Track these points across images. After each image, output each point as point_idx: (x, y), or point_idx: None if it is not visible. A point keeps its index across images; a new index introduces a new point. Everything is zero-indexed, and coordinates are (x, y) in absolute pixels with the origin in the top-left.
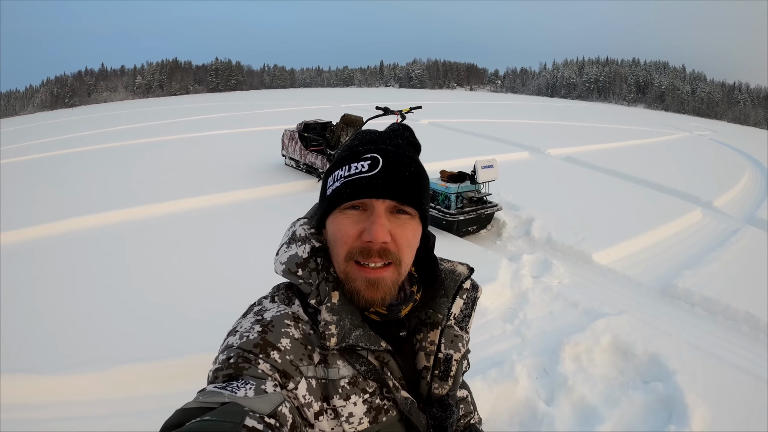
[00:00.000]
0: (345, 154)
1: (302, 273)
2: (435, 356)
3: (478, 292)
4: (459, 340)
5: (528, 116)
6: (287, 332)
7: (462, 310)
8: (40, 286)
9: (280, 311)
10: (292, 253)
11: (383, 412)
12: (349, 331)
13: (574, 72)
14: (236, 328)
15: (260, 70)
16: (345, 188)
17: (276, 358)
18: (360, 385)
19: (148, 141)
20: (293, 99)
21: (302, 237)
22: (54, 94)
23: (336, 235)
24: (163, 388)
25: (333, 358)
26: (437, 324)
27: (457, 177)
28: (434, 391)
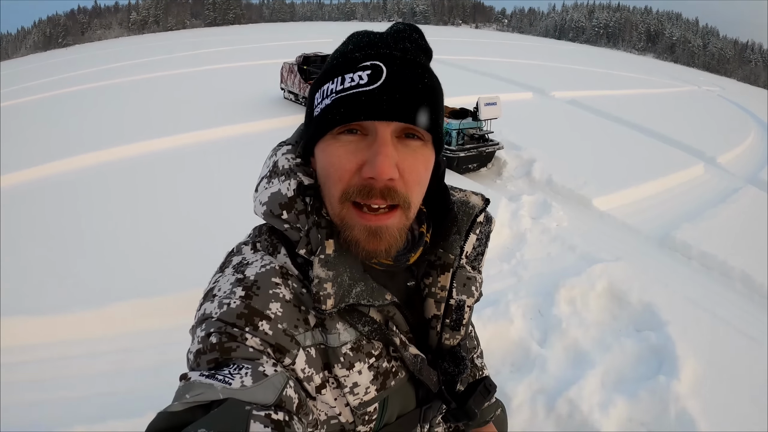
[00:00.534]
0: (336, 62)
1: (288, 216)
2: (446, 303)
3: (492, 225)
4: (472, 283)
5: (534, 57)
6: (276, 293)
7: (475, 247)
8: (35, 227)
9: (264, 266)
10: (274, 190)
11: (391, 376)
12: (349, 288)
13: (584, 15)
14: (213, 290)
15: (259, 4)
16: (338, 107)
17: (266, 330)
18: (364, 349)
19: (143, 77)
20: (293, 33)
21: (286, 170)
22: (47, 34)
23: (328, 169)
24: (161, 323)
25: (331, 321)
26: (449, 266)
27: (459, 113)
28: (444, 342)
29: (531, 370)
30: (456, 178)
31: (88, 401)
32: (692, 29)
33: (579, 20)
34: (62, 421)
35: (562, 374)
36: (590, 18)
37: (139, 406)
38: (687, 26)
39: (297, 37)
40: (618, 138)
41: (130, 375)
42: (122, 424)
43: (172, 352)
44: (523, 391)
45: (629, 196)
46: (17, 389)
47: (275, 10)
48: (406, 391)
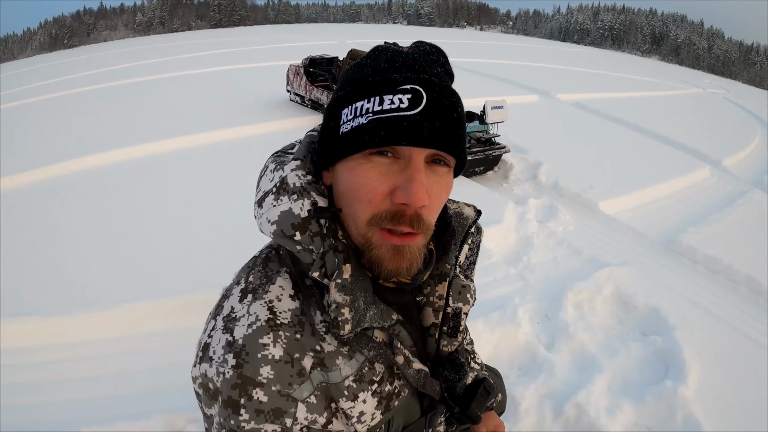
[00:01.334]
0: (373, 80)
1: (301, 238)
2: (444, 311)
3: (481, 235)
4: (467, 291)
5: (539, 59)
6: (265, 356)
7: (467, 257)
8: (43, 228)
9: (251, 324)
10: (284, 208)
11: (394, 397)
12: (364, 312)
13: (589, 17)
14: (210, 347)
15: (264, 5)
16: (377, 128)
17: (260, 398)
18: (366, 377)
19: (149, 79)
20: (298, 34)
21: (298, 188)
22: (52, 35)
23: (358, 189)
24: (167, 325)
25: (331, 359)
26: (445, 275)
27: (466, 117)
28: (443, 349)
29: (538, 374)
30: (462, 181)
31: (94, 403)
32: (697, 31)
33: (584, 22)
34: (68, 423)
35: (569, 378)
36: (595, 20)
37: (146, 408)
38: (692, 28)
39: (302, 39)
40: (623, 141)
41: (136, 377)
42: (128, 426)
43: (178, 354)
44: (531, 396)
45: (635, 199)
46: (23, 391)
47: (280, 11)
48: (410, 405)
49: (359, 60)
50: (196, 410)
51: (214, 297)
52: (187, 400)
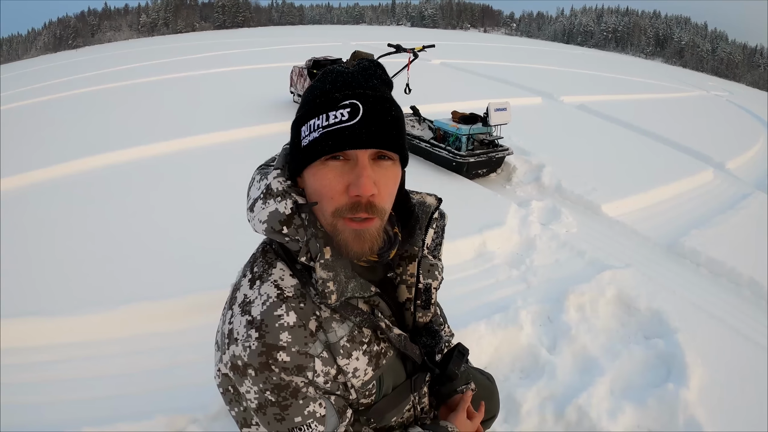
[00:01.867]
0: (319, 101)
1: (288, 230)
2: (416, 287)
3: (446, 220)
4: (435, 269)
5: (542, 61)
6: (282, 324)
7: (434, 239)
8: (45, 228)
9: (265, 302)
10: (271, 209)
11: (382, 356)
12: (345, 284)
13: (592, 20)
14: (233, 332)
15: (268, 7)
16: (326, 140)
17: (284, 359)
18: (357, 338)
19: (152, 80)
20: (302, 36)
21: (280, 191)
22: (57, 36)
23: (321, 190)
24: (170, 326)
25: (327, 322)
26: (414, 256)
27: (469, 118)
28: (419, 320)
29: (540, 376)
30: (465, 183)
31: (97, 403)
32: (701, 33)
33: (587, 24)
34: (69, 423)
35: (571, 381)
36: (599, 22)
37: (148, 408)
38: (696, 30)
39: (306, 40)
40: (627, 143)
41: (138, 377)
42: (130, 426)
43: (180, 355)
44: (533, 398)
45: (638, 202)
46: (24, 390)
47: (284, 13)
48: (396, 367)
49: (312, 83)
50: (197, 410)
51: (217, 298)
52: (188, 400)
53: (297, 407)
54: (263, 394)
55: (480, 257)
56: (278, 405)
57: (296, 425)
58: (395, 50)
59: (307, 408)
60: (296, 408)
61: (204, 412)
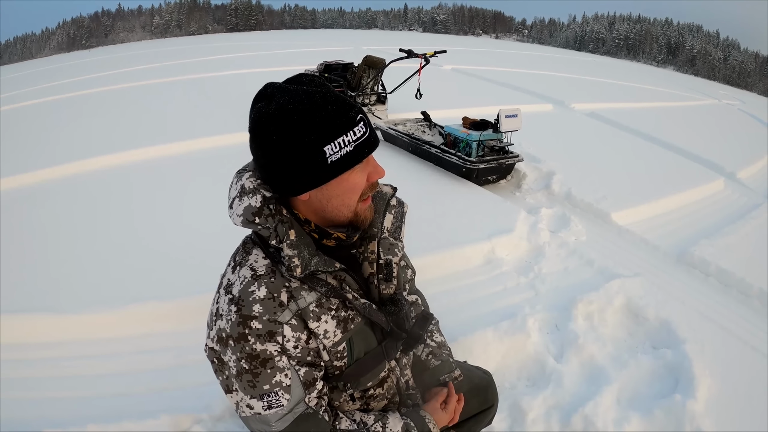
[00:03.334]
0: (340, 121)
1: (259, 220)
2: (377, 263)
3: (405, 207)
4: (394, 247)
5: (554, 68)
6: (254, 297)
7: (393, 223)
8: (55, 227)
9: (242, 282)
10: (245, 204)
11: (350, 321)
12: (309, 260)
13: (604, 27)
14: (219, 310)
15: (281, 10)
16: (359, 151)
17: (257, 327)
18: (325, 305)
19: (163, 81)
20: (314, 40)
21: (252, 188)
22: (70, 36)
23: (352, 188)
24: (177, 326)
25: (297, 291)
26: (373, 237)
27: (480, 125)
28: (383, 293)
29: (547, 385)
30: (475, 189)
31: (102, 401)
32: (713, 41)
33: (599, 31)
34: (75, 420)
35: (577, 390)
36: (610, 29)
37: (153, 408)
38: (708, 38)
39: (318, 44)
40: (637, 151)
41: (143, 376)
42: (136, 425)
43: (186, 355)
44: (539, 406)
45: (648, 210)
46: (31, 387)
47: (296, 16)
48: (366, 333)
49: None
50: (202, 410)
51: None
52: (193, 400)
53: (265, 376)
54: (239, 363)
55: (488, 264)
56: (251, 372)
57: (265, 392)
58: (407, 55)
59: (274, 378)
60: (265, 377)
61: (208, 413)
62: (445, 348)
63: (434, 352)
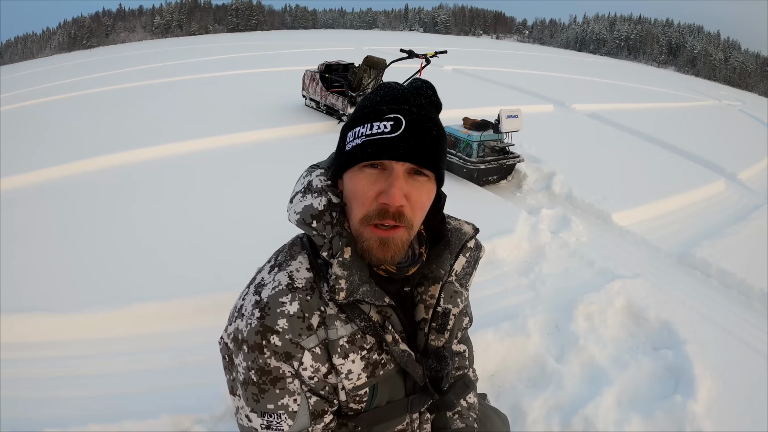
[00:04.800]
0: (367, 111)
1: (317, 225)
2: (434, 309)
3: (481, 252)
4: (458, 296)
5: (555, 69)
6: (283, 311)
7: (464, 267)
8: (55, 226)
9: (275, 287)
10: (307, 203)
11: (380, 366)
12: (357, 287)
13: (605, 27)
14: (243, 307)
15: (281, 11)
16: (366, 147)
17: (276, 343)
18: (357, 342)
19: (165, 81)
20: (315, 40)
21: (319, 189)
22: (71, 35)
23: (354, 194)
24: (179, 326)
25: (331, 319)
26: (439, 279)
27: (480, 125)
28: (431, 343)
29: (547, 385)
30: (475, 190)
31: (102, 401)
32: (714, 42)
33: (600, 32)
34: (76, 420)
35: (578, 391)
36: (611, 30)
37: (154, 407)
38: (708, 39)
39: (319, 44)
40: (638, 152)
41: (144, 376)
42: (136, 425)
43: (187, 354)
44: (539, 407)
45: (649, 211)
46: (32, 386)
47: (297, 17)
48: (394, 381)
49: (368, 94)
50: (203, 411)
51: (225, 299)
52: (194, 400)
53: (273, 395)
54: (248, 372)
55: (489, 264)
56: (257, 386)
57: (268, 411)
58: (407, 56)
59: (282, 399)
60: (272, 395)
61: (209, 413)
62: (474, 410)
63: (462, 413)
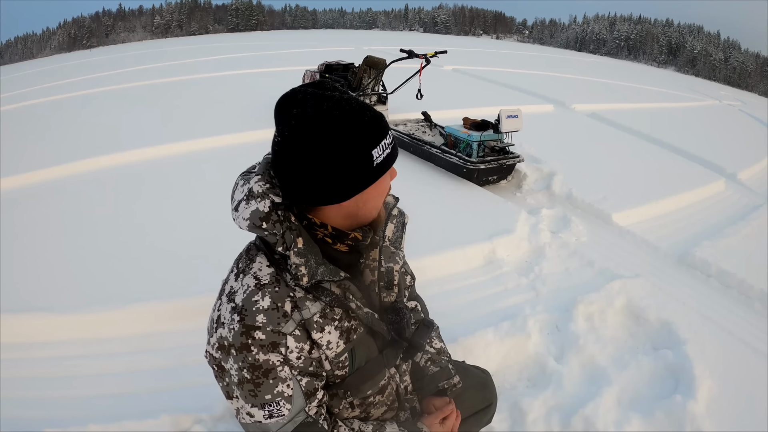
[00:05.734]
0: (378, 125)
1: (267, 225)
2: (378, 270)
3: (406, 218)
4: (395, 255)
5: (554, 69)
6: (258, 308)
7: (394, 232)
8: (55, 226)
9: (245, 290)
10: (253, 208)
11: (352, 332)
12: (315, 269)
13: (605, 27)
14: (221, 318)
15: (281, 10)
16: (394, 153)
17: (260, 337)
18: (329, 316)
19: (164, 81)
20: (315, 40)
21: (260, 193)
22: (71, 36)
23: (384, 189)
24: (181, 326)
25: (302, 301)
26: (375, 244)
27: (480, 125)
28: (384, 300)
29: (547, 385)
30: (476, 190)
31: (102, 401)
32: (714, 42)
33: (600, 32)
34: (76, 420)
35: (578, 391)
36: (611, 30)
37: (154, 408)
38: (708, 39)
39: (319, 44)
40: (638, 152)
41: (144, 376)
42: (136, 425)
43: (187, 355)
44: (539, 407)
45: (649, 211)
46: (31, 386)
47: (297, 17)
48: (367, 341)
49: (345, 115)
50: (202, 411)
51: None
52: (194, 400)
53: (268, 386)
54: (241, 372)
55: (489, 264)
56: (252, 382)
57: (267, 402)
58: (407, 56)
59: (276, 388)
60: (266, 387)
61: (209, 413)
62: (445, 354)
63: (433, 358)
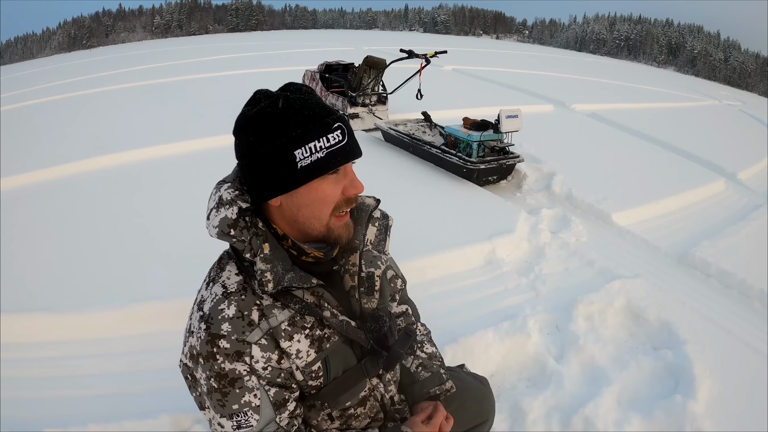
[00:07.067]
0: (313, 126)
1: (234, 232)
2: (358, 275)
3: (390, 221)
4: (377, 260)
5: (554, 69)
6: (223, 316)
7: (376, 235)
8: (54, 226)
9: (213, 299)
10: (222, 216)
11: (325, 340)
12: (282, 275)
13: (605, 27)
14: (192, 327)
15: (281, 11)
16: (331, 158)
17: (225, 346)
18: (298, 324)
19: (163, 81)
20: (315, 40)
21: (228, 200)
22: (71, 36)
23: (322, 199)
24: (180, 325)
25: (269, 309)
26: (355, 249)
27: (480, 125)
28: (365, 307)
29: (547, 385)
30: (475, 190)
31: (102, 401)
32: (714, 42)
33: (600, 32)
34: (75, 420)
35: (577, 391)
36: (611, 30)
37: (153, 407)
38: (708, 39)
39: (319, 44)
40: (638, 152)
41: (144, 376)
42: (136, 425)
43: None
44: (539, 407)
45: (649, 211)
46: (31, 386)
47: (297, 17)
48: (344, 351)
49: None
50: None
51: None
52: (194, 401)
53: (234, 396)
54: (209, 381)
55: (489, 264)
56: (220, 392)
57: (234, 412)
58: (407, 56)
59: (243, 398)
60: (233, 396)
61: None
62: (437, 359)
63: (424, 363)
